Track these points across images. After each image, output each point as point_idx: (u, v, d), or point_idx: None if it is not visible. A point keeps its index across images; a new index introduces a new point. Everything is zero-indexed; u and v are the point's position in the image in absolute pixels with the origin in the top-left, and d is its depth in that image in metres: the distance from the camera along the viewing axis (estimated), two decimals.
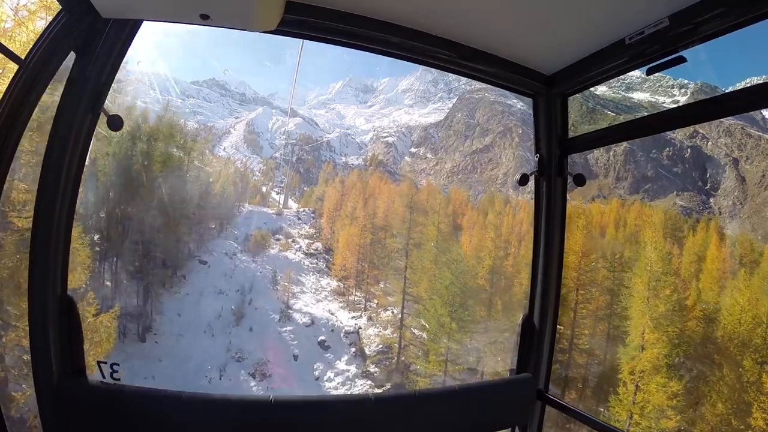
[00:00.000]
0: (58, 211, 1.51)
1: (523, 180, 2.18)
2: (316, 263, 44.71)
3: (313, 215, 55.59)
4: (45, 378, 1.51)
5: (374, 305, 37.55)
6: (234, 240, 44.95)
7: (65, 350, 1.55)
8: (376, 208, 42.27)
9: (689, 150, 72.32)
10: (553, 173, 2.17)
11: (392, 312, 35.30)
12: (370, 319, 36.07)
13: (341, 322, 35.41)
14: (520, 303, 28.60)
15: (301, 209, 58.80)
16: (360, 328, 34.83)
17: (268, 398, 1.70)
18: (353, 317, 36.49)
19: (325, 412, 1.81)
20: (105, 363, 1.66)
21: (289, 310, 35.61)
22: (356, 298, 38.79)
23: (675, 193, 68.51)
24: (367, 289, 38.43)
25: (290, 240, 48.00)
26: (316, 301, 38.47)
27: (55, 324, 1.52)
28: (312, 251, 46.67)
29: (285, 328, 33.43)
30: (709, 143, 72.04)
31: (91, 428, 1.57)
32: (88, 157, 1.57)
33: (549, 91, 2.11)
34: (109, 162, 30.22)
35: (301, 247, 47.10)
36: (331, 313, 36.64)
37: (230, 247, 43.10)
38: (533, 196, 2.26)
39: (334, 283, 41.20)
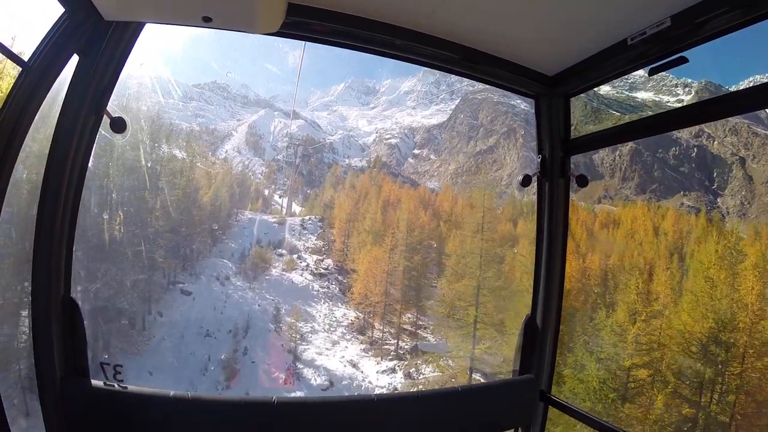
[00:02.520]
0: (61, 213, 1.52)
1: (526, 181, 2.19)
2: (328, 287, 36.99)
3: (320, 224, 49.07)
4: (48, 379, 1.52)
5: (407, 347, 29.28)
6: (228, 258, 37.04)
7: (68, 352, 1.56)
8: (409, 223, 32.64)
9: (695, 149, 71.73)
10: (556, 174, 2.16)
11: (437, 367, 26.57)
12: (408, 376, 27.00)
13: (369, 380, 26.77)
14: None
15: (307, 217, 51.99)
16: (396, 390, 25.49)
17: (271, 399, 1.70)
18: (384, 371, 27.78)
19: (329, 413, 1.81)
20: (108, 364, 1.67)
21: (298, 363, 26.98)
22: (382, 335, 30.17)
23: (682, 193, 67.93)
24: (398, 325, 29.92)
25: (295, 256, 40.87)
26: (332, 343, 29.79)
27: (58, 325, 1.53)
28: (322, 270, 39.47)
29: (294, 395, 23.06)
30: (715, 142, 71.40)
31: (94, 429, 1.58)
32: (90, 159, 1.59)
33: (551, 92, 2.11)
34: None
35: (308, 265, 39.94)
36: (354, 365, 27.95)
37: (222, 268, 35.01)
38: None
39: (352, 315, 32.78)
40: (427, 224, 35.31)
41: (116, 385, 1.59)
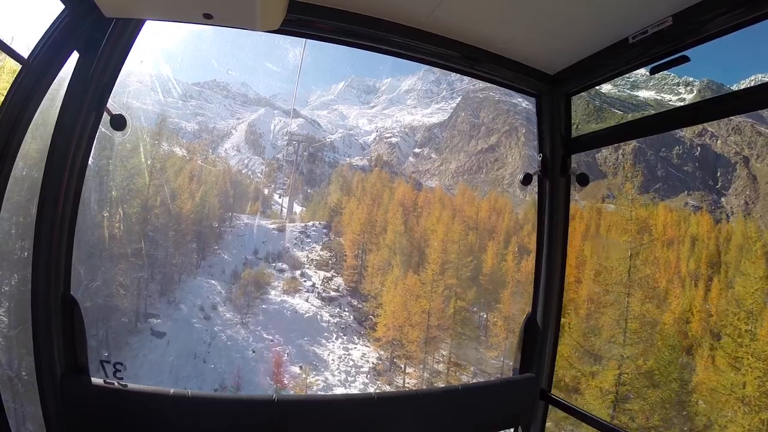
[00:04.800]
0: (61, 210, 1.52)
1: (527, 180, 2.20)
2: (340, 315, 30.67)
3: (325, 231, 43.37)
4: (48, 377, 1.52)
5: None
6: (218, 277, 30.97)
7: (68, 349, 1.56)
8: (458, 244, 25.43)
9: (699, 148, 71.48)
10: (557, 173, 2.16)
11: None
12: None
13: None
14: None
15: (310, 222, 46.15)
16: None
17: (271, 397, 1.71)
18: None
19: (329, 411, 1.82)
20: (108, 362, 1.67)
21: None
22: (414, 382, 24.41)
23: (686, 192, 67.75)
24: (445, 378, 23.72)
25: (298, 273, 34.80)
26: None
27: (58, 323, 1.53)
28: (331, 293, 33.27)
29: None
30: (719, 141, 71.13)
31: (94, 427, 1.58)
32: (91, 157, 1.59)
33: (552, 90, 2.11)
34: None
35: (314, 285, 33.77)
36: None
37: (209, 292, 29.03)
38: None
39: (373, 355, 26.47)
40: (467, 241, 27.07)
41: (116, 383, 1.59)
